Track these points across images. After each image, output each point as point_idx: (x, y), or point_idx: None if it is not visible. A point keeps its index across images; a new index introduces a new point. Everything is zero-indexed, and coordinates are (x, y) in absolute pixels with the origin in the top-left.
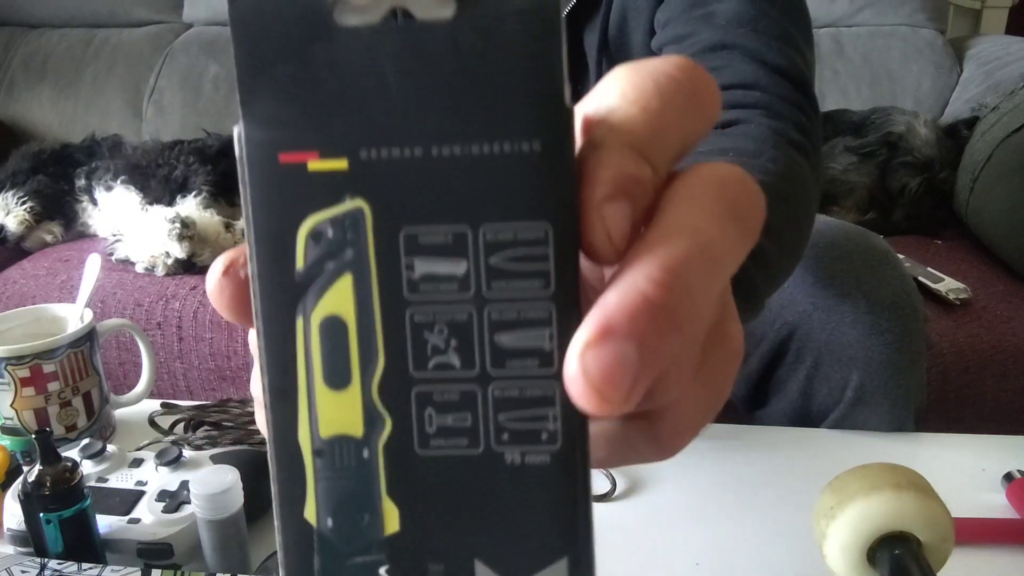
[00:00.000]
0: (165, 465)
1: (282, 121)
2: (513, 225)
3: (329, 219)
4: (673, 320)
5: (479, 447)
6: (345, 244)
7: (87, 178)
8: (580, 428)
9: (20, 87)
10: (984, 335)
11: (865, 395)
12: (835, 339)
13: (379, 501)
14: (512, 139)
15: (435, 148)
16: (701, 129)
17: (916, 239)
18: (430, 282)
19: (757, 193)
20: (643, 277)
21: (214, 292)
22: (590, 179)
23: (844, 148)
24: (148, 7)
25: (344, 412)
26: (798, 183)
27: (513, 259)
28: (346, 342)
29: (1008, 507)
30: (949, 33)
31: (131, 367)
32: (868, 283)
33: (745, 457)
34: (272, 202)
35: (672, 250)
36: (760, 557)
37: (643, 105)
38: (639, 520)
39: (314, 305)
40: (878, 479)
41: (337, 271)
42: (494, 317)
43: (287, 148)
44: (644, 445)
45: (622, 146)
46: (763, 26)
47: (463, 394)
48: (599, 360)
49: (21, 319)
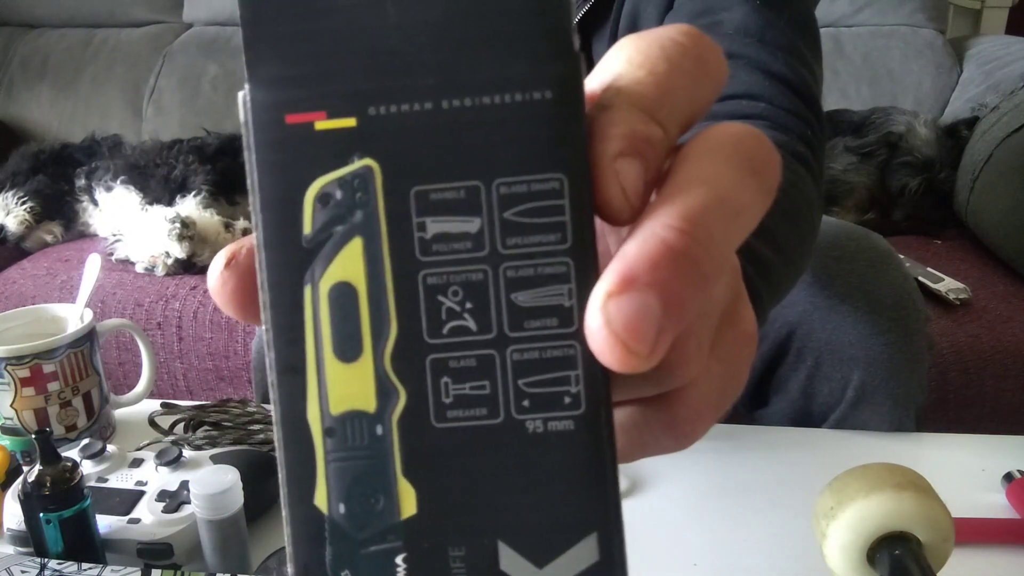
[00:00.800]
0: (165, 465)
1: (288, 81)
2: (527, 178)
3: (337, 180)
4: (696, 269)
5: (499, 416)
6: (354, 206)
7: (87, 178)
8: (604, 391)
9: (20, 87)
10: (984, 335)
11: (866, 395)
12: (836, 339)
13: (394, 482)
14: (523, 89)
15: (445, 101)
16: (708, 94)
17: (916, 239)
18: (443, 242)
19: (772, 149)
20: (662, 226)
21: (216, 286)
22: (601, 136)
23: (844, 148)
24: (148, 7)
25: (355, 386)
26: (801, 197)
27: (528, 213)
28: (356, 310)
29: (1008, 507)
30: (949, 33)
31: (131, 367)
32: (869, 283)
33: (745, 457)
34: (279, 165)
35: (691, 200)
36: (760, 557)
37: (650, 68)
38: (639, 520)
39: (323, 272)
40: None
41: (346, 235)
42: (510, 275)
43: (293, 109)
44: (663, 432)
45: (631, 107)
46: (770, 37)
47: (480, 359)
48: (622, 310)
49: (21, 319)
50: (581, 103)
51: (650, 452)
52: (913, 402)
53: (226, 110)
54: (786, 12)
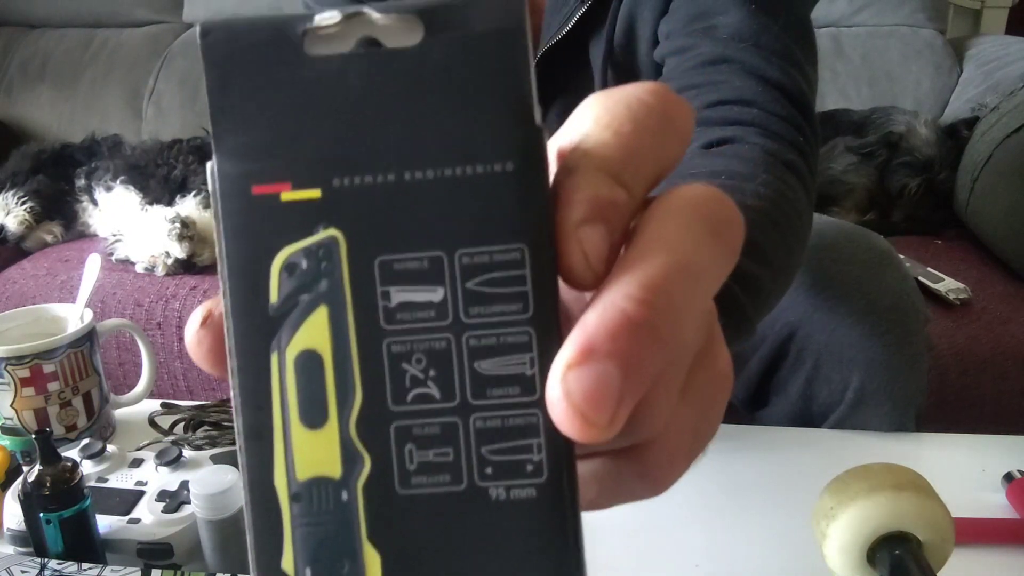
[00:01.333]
0: (165, 465)
1: (254, 153)
2: (489, 248)
3: (303, 250)
4: (655, 338)
5: (462, 483)
6: (320, 275)
7: (87, 178)
8: (567, 458)
9: (20, 87)
10: (984, 335)
11: (866, 396)
12: (836, 340)
13: (360, 547)
14: (484, 161)
15: (408, 173)
16: (675, 153)
17: (916, 239)
18: (407, 311)
19: (734, 211)
20: (622, 295)
21: (192, 344)
22: (565, 203)
23: (844, 148)
24: (148, 7)
25: (321, 452)
26: (790, 207)
27: (490, 283)
28: (322, 377)
29: (1008, 507)
30: (949, 33)
31: (131, 367)
32: (869, 284)
33: (745, 458)
34: (245, 235)
35: (651, 268)
36: (760, 557)
37: (615, 129)
38: (639, 520)
39: (289, 340)
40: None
41: (312, 303)
42: (473, 344)
43: (260, 180)
44: (636, 481)
45: (596, 170)
46: (764, 42)
47: (444, 427)
48: (582, 381)
49: (21, 319)
50: (543, 173)
51: (623, 500)
52: (913, 403)
53: None
54: (781, 17)
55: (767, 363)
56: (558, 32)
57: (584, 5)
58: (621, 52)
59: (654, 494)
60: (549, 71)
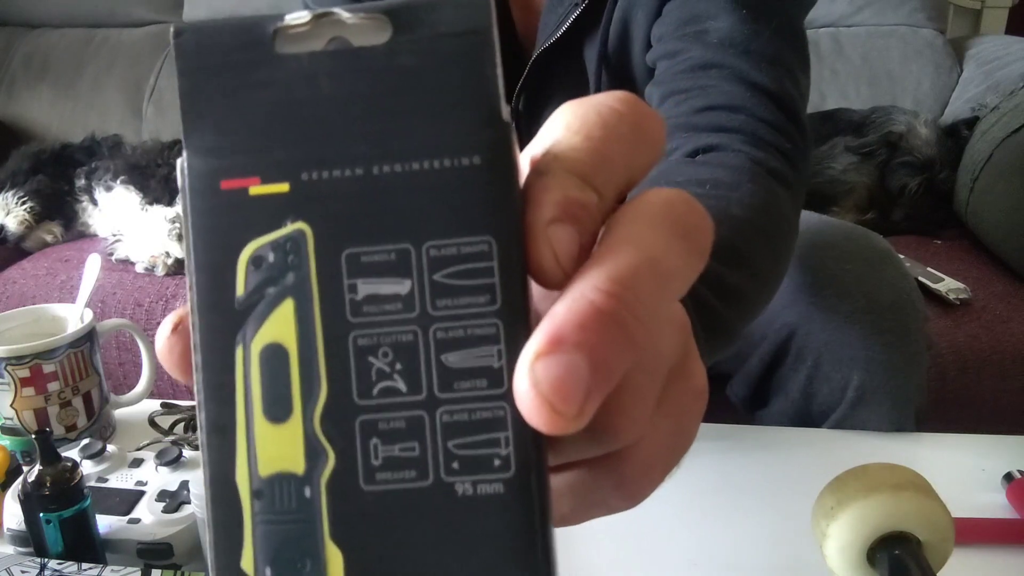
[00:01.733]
0: (165, 465)
1: (224, 149)
2: (456, 240)
3: (270, 243)
4: (623, 330)
5: (428, 479)
6: (286, 268)
7: (87, 178)
8: (535, 453)
9: (20, 87)
10: (983, 335)
11: (866, 395)
12: (836, 339)
13: (322, 546)
14: (451, 155)
15: (376, 167)
16: (646, 160)
17: (916, 239)
18: (374, 303)
19: (703, 214)
20: (591, 288)
21: (163, 351)
22: (536, 203)
23: (844, 148)
24: (148, 7)
25: (285, 447)
26: (775, 216)
27: (458, 275)
28: (287, 371)
29: (1008, 507)
30: (949, 33)
31: (131, 367)
32: (869, 283)
33: (745, 457)
34: (213, 229)
35: (620, 262)
36: (760, 557)
37: (586, 134)
38: (638, 520)
39: (254, 333)
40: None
41: (278, 297)
42: (440, 336)
43: (228, 175)
44: (611, 491)
45: (566, 172)
46: (755, 48)
47: (410, 421)
48: (549, 371)
49: (21, 319)
50: (511, 168)
51: (598, 513)
52: (912, 402)
53: None
54: (773, 23)
55: (767, 362)
56: (553, 34)
57: (579, 8)
58: (615, 54)
59: (628, 506)
60: (544, 73)
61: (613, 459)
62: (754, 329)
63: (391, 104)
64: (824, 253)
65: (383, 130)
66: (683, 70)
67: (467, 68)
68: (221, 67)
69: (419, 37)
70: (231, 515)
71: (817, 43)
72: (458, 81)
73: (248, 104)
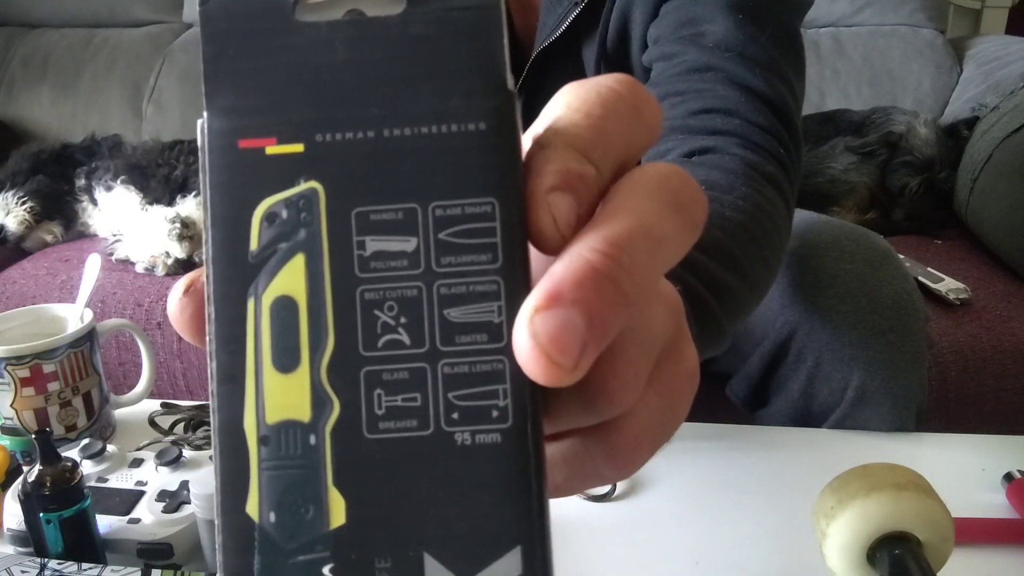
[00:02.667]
0: (165, 465)
1: (243, 110)
2: (461, 201)
3: (283, 200)
4: (618, 289)
5: (429, 428)
6: (298, 224)
7: (87, 178)
8: (532, 405)
9: (20, 87)
10: (984, 335)
11: (866, 395)
12: (836, 339)
13: (325, 492)
14: (458, 120)
15: (387, 130)
16: (642, 139)
17: (916, 239)
18: (381, 260)
19: (697, 189)
20: (588, 248)
21: (175, 312)
22: (537, 172)
23: (844, 148)
24: (148, 7)
25: (292, 396)
26: (767, 219)
27: (462, 234)
28: (296, 323)
29: (1008, 507)
30: (949, 33)
31: (131, 367)
32: (869, 283)
33: (745, 457)
34: (230, 186)
35: (616, 227)
36: (760, 557)
37: (586, 112)
38: (639, 520)
39: (266, 286)
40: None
41: (290, 251)
42: (443, 292)
43: (246, 135)
44: (603, 462)
45: (566, 146)
46: (750, 52)
47: (413, 372)
48: (548, 324)
49: (21, 319)
50: (514, 135)
51: (591, 483)
52: (913, 402)
53: None
54: (769, 27)
55: (768, 362)
56: (552, 34)
57: (578, 7)
58: (614, 54)
59: (619, 477)
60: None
61: (605, 430)
62: (754, 328)
63: (403, 71)
64: (824, 253)
65: (394, 95)
66: (679, 72)
67: (476, 39)
68: (244, 33)
69: (431, 9)
70: (238, 461)
71: (818, 43)
72: (467, 51)
73: (267, 68)
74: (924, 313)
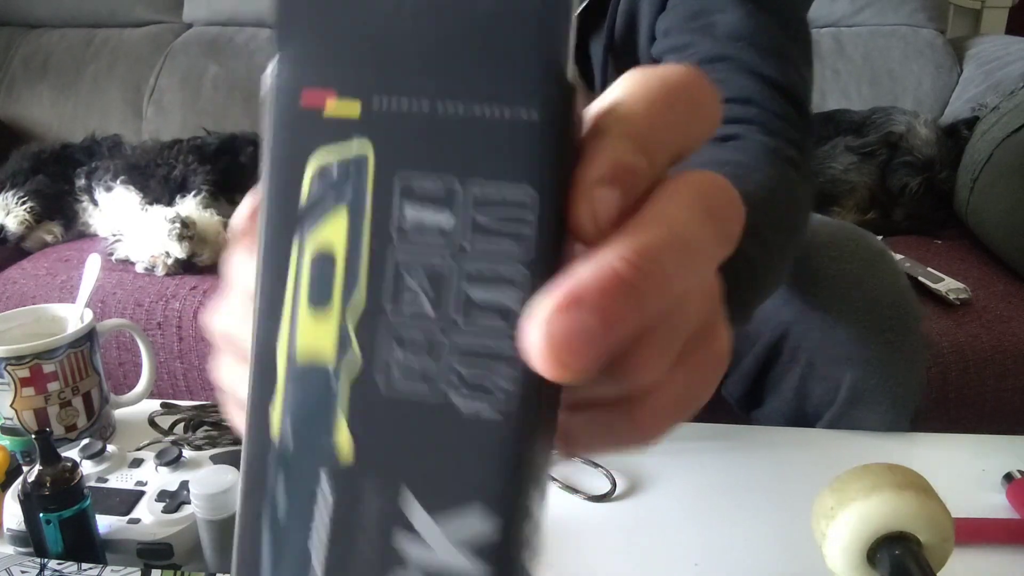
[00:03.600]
0: (165, 465)
1: (310, 61)
2: (501, 186)
3: (336, 159)
4: (639, 300)
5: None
6: (347, 183)
7: (87, 178)
8: (538, 394)
9: (20, 87)
10: (984, 335)
11: (859, 395)
12: (830, 338)
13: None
14: (512, 105)
15: (441, 104)
16: (700, 135)
17: (916, 239)
18: (418, 228)
19: (736, 201)
20: (616, 256)
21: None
22: (588, 160)
23: (845, 148)
24: (148, 7)
25: (320, 336)
26: (791, 198)
27: (497, 219)
28: (332, 270)
29: (1008, 507)
30: (949, 33)
31: (131, 367)
32: (863, 282)
33: (744, 457)
34: (289, 138)
35: (647, 236)
36: (760, 557)
37: (648, 102)
38: (639, 520)
39: (310, 234)
40: (878, 479)
41: (336, 206)
42: (470, 270)
43: (310, 84)
44: (625, 432)
45: (623, 135)
46: (762, 41)
47: (431, 341)
48: (563, 326)
49: (21, 319)
50: (566, 128)
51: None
52: (910, 402)
53: (226, 110)
54: (778, 17)
55: (761, 362)
56: None
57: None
58: (622, 47)
59: (642, 444)
60: None
61: (628, 402)
62: (749, 328)
63: (465, 45)
64: (820, 253)
65: (455, 70)
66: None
67: (542, 25)
68: None
69: None
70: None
71: (818, 43)
72: (532, 35)
73: (337, 24)
74: (919, 313)
